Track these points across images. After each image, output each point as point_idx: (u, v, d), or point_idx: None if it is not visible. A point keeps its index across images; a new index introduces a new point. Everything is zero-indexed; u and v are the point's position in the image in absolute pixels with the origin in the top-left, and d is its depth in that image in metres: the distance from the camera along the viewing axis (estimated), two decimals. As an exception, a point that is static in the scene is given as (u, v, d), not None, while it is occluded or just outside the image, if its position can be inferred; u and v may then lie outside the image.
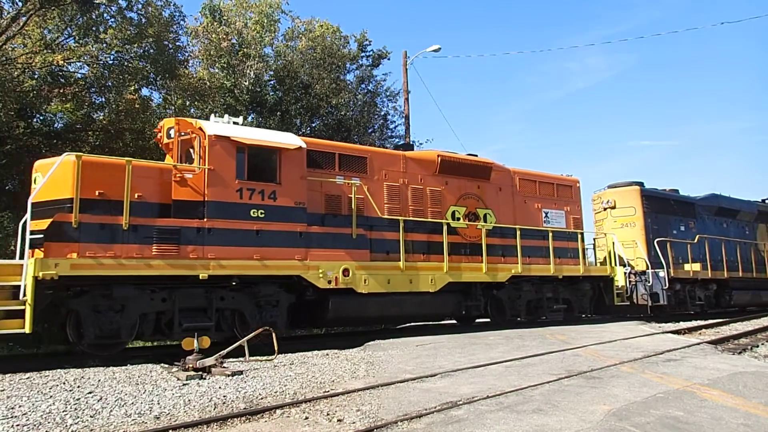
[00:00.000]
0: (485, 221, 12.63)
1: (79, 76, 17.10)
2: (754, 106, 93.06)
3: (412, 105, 60.13)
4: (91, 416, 4.95)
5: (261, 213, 9.13)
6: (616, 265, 14.93)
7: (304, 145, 9.82)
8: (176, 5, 18.26)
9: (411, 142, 21.13)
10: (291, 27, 23.30)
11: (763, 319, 16.54)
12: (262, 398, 5.65)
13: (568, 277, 13.73)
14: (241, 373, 6.93)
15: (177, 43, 18.66)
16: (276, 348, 8.04)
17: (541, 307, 13.42)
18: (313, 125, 21.37)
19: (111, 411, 5.12)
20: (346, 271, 9.93)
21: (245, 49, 20.45)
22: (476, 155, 14.69)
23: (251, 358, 7.91)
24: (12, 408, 5.18)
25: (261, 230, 9.10)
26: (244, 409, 5.18)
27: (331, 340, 10.69)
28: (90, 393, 5.82)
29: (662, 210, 17.52)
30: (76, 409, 5.17)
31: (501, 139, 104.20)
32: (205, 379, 6.67)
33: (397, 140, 23.42)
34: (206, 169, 8.76)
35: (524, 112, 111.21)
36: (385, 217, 10.88)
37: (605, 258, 15.57)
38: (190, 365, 7.04)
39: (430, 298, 11.07)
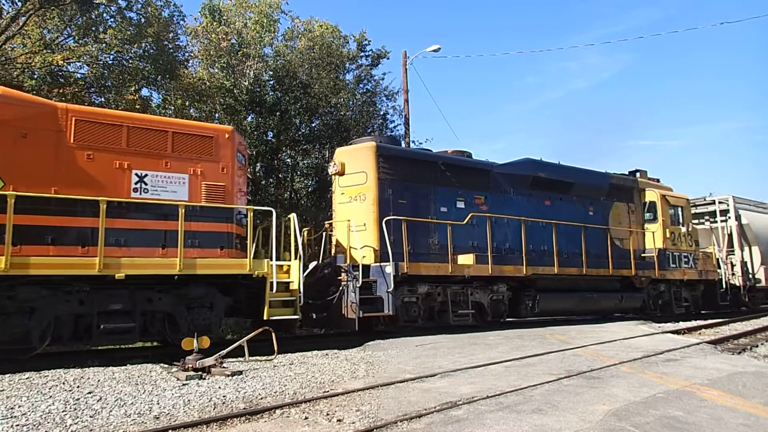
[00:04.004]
0: None
1: (78, 76, 17.10)
2: (755, 105, 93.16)
3: (412, 104, 60.05)
4: (90, 416, 4.95)
5: None
6: (272, 257, 9.54)
7: None
8: (176, 5, 18.30)
9: (410, 142, 21.19)
10: (290, 27, 23.32)
11: (762, 319, 16.54)
12: (261, 398, 5.65)
13: (161, 277, 8.66)
14: (240, 373, 6.93)
15: (177, 43, 18.69)
16: (276, 348, 8.05)
17: (91, 326, 8.17)
18: (313, 125, 21.38)
19: (110, 411, 5.12)
20: None
21: (245, 49, 20.44)
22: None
23: (251, 358, 7.92)
24: (11, 408, 5.18)
25: None
26: (244, 409, 5.18)
27: (331, 341, 10.69)
28: (89, 393, 5.82)
29: (417, 178, 12.08)
30: (75, 409, 5.17)
31: (501, 139, 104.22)
32: (204, 379, 6.67)
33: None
34: None
35: (524, 111, 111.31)
36: None
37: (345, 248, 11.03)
38: (190, 365, 7.04)
39: None
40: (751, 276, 19.25)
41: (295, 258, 9.83)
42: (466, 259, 11.92)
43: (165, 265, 8.58)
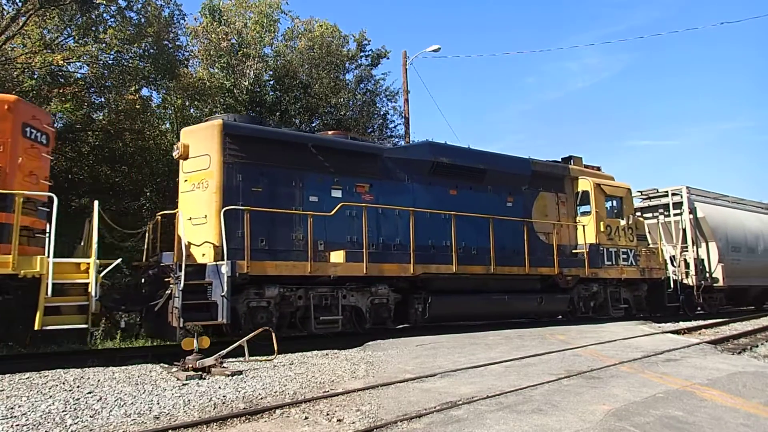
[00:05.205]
0: None
1: (78, 76, 17.10)
2: (755, 105, 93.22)
3: (412, 104, 60.10)
4: (90, 416, 4.95)
5: None
6: (49, 253, 7.58)
7: None
8: (176, 3, 18.29)
9: (410, 142, 21.19)
10: (290, 27, 23.36)
11: (762, 319, 16.52)
12: (261, 398, 5.65)
13: None
14: (240, 373, 6.93)
15: (176, 43, 18.68)
16: (276, 348, 8.05)
17: None
18: (313, 125, 21.38)
19: (110, 411, 5.12)
20: None
21: (245, 49, 20.46)
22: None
23: (251, 358, 7.92)
24: (11, 408, 5.18)
25: None
26: (244, 409, 5.18)
27: (331, 341, 10.68)
28: (89, 393, 5.82)
29: (279, 161, 10.19)
30: (75, 409, 5.17)
31: (500, 139, 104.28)
32: (204, 379, 6.67)
33: (396, 140, 23.43)
34: None
35: (524, 111, 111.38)
36: None
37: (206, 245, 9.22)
38: (190, 365, 7.05)
39: None
40: (707, 275, 17.20)
41: (93, 255, 7.90)
42: (336, 256, 10.25)
43: None
